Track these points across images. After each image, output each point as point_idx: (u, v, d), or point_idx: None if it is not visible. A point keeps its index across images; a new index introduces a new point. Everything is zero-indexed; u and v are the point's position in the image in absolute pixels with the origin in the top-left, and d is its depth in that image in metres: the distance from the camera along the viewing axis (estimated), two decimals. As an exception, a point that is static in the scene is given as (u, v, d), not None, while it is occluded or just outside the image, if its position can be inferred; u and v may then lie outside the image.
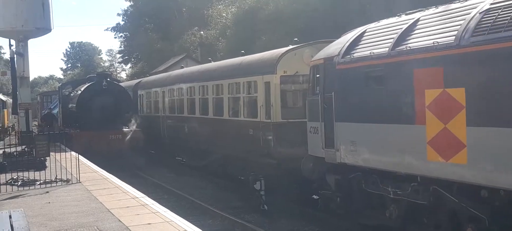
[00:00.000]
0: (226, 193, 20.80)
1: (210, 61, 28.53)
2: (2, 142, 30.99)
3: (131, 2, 77.43)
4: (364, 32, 13.49)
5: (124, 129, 27.62)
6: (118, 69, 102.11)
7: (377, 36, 12.76)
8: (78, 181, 16.12)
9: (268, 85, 17.62)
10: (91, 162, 21.07)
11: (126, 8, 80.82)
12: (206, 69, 24.54)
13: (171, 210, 12.00)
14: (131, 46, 79.74)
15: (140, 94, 33.91)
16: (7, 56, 57.83)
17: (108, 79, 29.24)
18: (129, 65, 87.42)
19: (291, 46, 18.18)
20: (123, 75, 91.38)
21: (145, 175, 25.85)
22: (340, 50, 13.59)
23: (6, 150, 20.58)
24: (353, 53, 13.11)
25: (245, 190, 19.00)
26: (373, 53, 12.23)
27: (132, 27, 76.86)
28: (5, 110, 48.53)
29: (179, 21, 66.34)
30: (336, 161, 13.51)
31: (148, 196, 13.92)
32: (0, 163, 19.13)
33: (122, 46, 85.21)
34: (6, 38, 32.17)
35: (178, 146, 27.58)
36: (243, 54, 22.50)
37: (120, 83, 34.54)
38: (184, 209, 17.58)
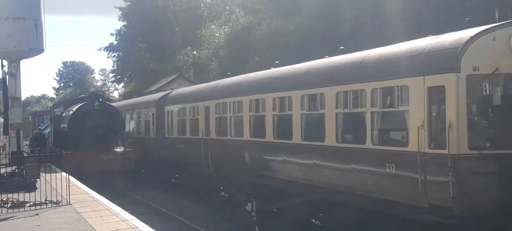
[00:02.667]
0: (218, 214, 20.67)
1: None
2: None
3: (125, 22, 77.61)
4: None
5: (116, 150, 27.52)
6: (111, 88, 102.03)
7: None
8: (68, 203, 15.98)
9: (438, 92, 10.77)
10: (83, 183, 20.91)
11: (119, 28, 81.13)
12: (288, 73, 17.08)
13: (161, 233, 11.89)
14: (124, 66, 79.75)
15: (168, 111, 26.63)
16: (-1, 75, 57.57)
17: (100, 99, 29.13)
18: (121, 84, 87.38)
19: (484, 27, 10.83)
20: (116, 94, 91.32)
21: (137, 195, 25.70)
22: None
23: (-4, 171, 20.38)
24: None
25: (237, 211, 18.90)
26: None
27: (126, 47, 76.96)
28: (-3, 130, 48.21)
29: (173, 41, 66.49)
30: None
31: (139, 218, 13.86)
32: (-11, 184, 18.95)
33: (115, 65, 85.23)
34: (-1, 58, 32.11)
35: (230, 180, 20.18)
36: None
37: (151, 95, 31.66)
38: (174, 231, 17.45)
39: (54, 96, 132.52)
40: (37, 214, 14.59)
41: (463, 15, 20.87)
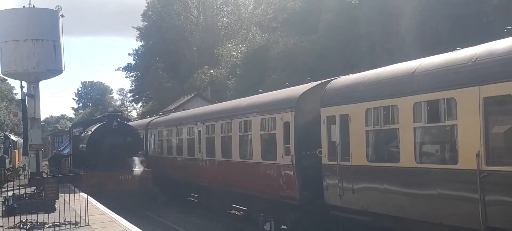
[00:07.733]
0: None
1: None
2: (12, 183, 30.96)
3: (142, 42, 78.19)
4: None
5: (134, 169, 27.57)
6: (129, 108, 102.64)
7: None
8: (87, 224, 15.99)
9: None
10: (101, 203, 20.91)
11: (137, 48, 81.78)
12: None
13: (180, 254, 11.82)
14: (142, 85, 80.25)
15: (330, 117, 14.93)
16: (19, 96, 58.29)
17: (119, 119, 29.27)
18: (140, 104, 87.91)
19: None
20: (134, 114, 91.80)
21: (155, 215, 25.65)
22: None
23: (15, 191, 20.46)
24: None
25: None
26: None
27: (143, 67, 77.44)
28: (16, 150, 48.63)
29: (190, 60, 66.81)
30: None
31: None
32: (9, 205, 19.05)
33: (133, 85, 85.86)
34: (18, 80, 32.47)
35: None
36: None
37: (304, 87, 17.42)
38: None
39: (73, 116, 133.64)
40: (56, 235, 14.63)
41: (481, 31, 20.70)
